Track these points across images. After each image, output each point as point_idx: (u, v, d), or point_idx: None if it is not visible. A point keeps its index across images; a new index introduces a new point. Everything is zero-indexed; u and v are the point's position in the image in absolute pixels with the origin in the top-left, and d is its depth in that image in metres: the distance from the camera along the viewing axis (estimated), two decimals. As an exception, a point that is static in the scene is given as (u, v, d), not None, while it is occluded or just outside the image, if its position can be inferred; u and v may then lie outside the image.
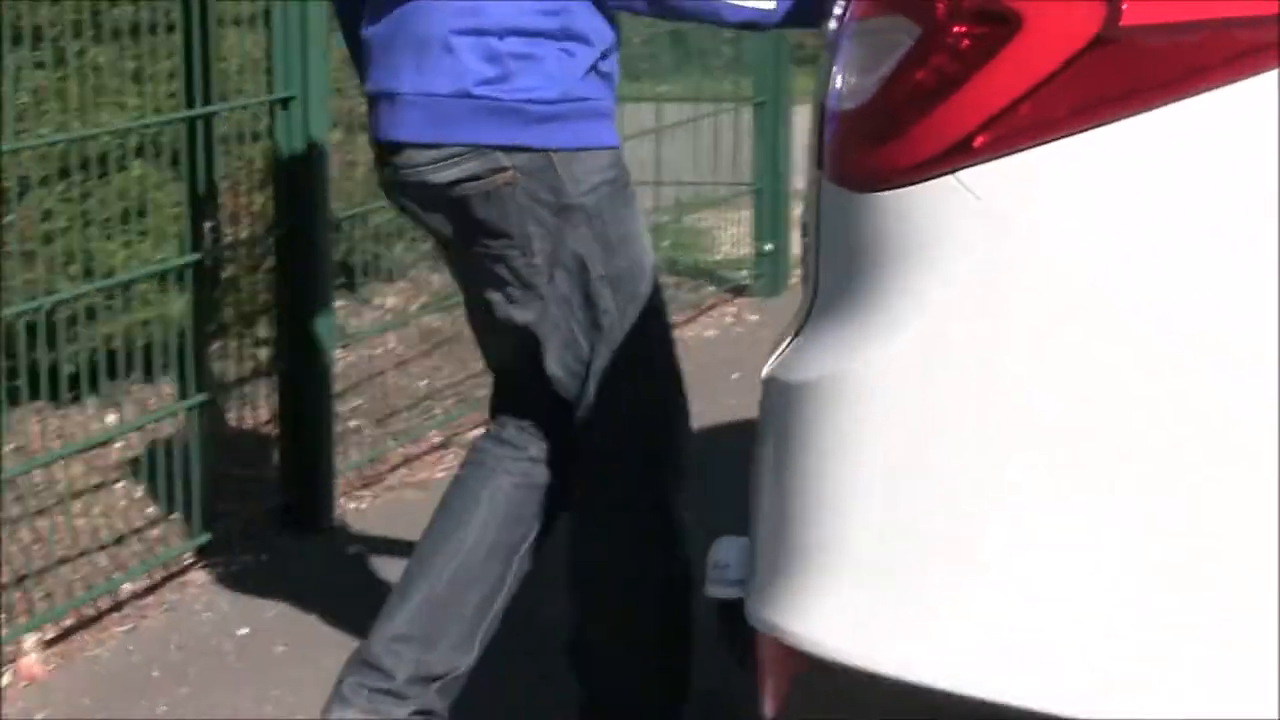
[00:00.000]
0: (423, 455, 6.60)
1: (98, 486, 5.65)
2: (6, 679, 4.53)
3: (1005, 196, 2.36)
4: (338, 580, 5.25)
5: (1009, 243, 2.36)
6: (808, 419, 2.54)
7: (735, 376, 7.23)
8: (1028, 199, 2.36)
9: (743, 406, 5.13)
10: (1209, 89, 2.26)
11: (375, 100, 3.79)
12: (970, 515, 2.41)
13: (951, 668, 2.36)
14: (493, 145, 3.61)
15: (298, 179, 5.51)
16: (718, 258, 9.60)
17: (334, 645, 4.67)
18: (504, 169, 3.63)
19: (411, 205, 3.88)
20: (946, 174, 2.37)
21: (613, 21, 3.70)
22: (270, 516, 5.61)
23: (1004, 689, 2.31)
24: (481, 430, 4.20)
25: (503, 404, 4.02)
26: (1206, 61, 2.27)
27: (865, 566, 2.47)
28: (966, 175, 2.35)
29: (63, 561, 5.04)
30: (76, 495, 5.31)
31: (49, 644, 4.75)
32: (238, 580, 5.21)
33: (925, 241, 2.41)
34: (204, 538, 5.35)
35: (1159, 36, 2.30)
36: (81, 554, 5.16)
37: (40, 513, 5.33)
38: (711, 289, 9.19)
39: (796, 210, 8.12)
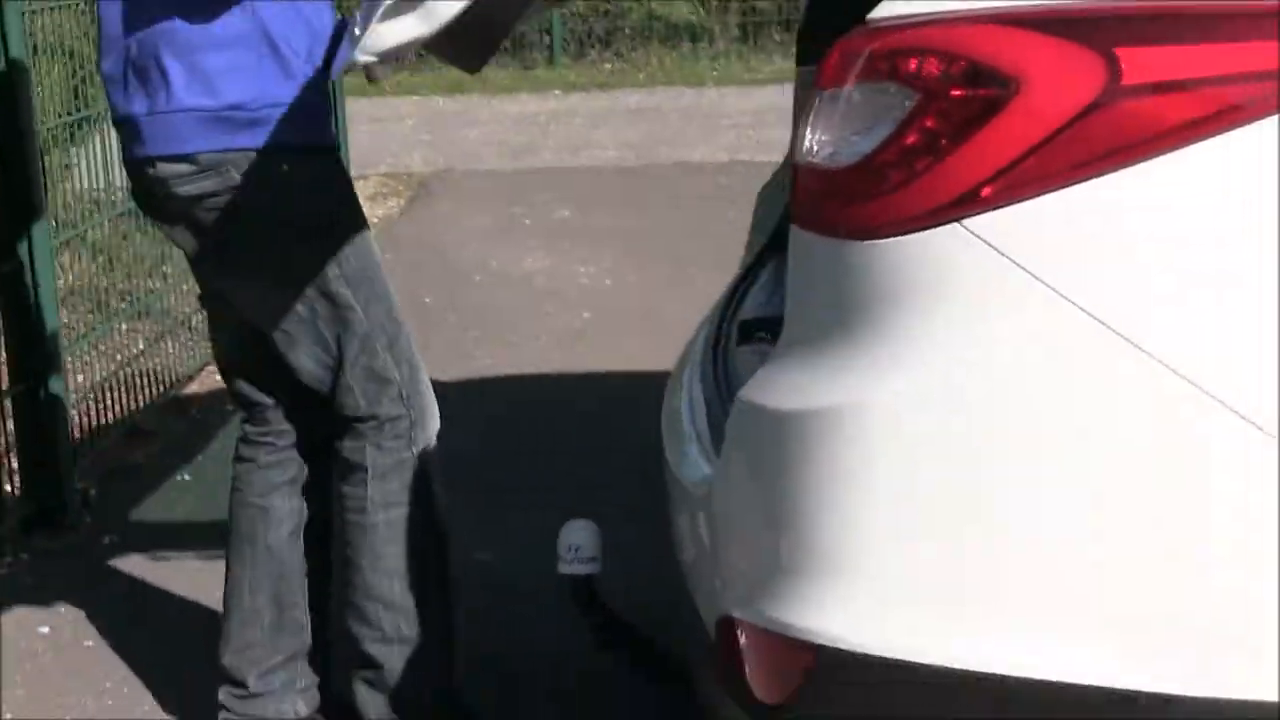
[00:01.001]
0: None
1: None
2: None
3: (1011, 242, 2.49)
4: (107, 570, 5.18)
5: (1011, 284, 2.49)
6: (822, 443, 2.64)
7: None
8: (1033, 244, 2.49)
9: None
10: (1203, 139, 2.42)
11: (120, 126, 3.82)
12: (970, 526, 2.57)
13: (954, 649, 2.54)
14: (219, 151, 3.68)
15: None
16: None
17: (136, 629, 4.73)
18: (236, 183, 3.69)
19: (159, 219, 3.97)
20: (953, 222, 2.51)
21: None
22: (22, 524, 5.48)
23: (990, 661, 2.51)
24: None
25: (244, 400, 4.07)
26: (1201, 114, 2.43)
27: (879, 571, 2.60)
28: (972, 223, 2.49)
29: None
30: None
31: None
32: (12, 588, 5.09)
33: (930, 283, 2.55)
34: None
35: (1156, 93, 2.46)
36: None
37: None
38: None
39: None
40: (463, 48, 3.58)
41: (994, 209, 2.52)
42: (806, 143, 2.68)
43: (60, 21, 6.22)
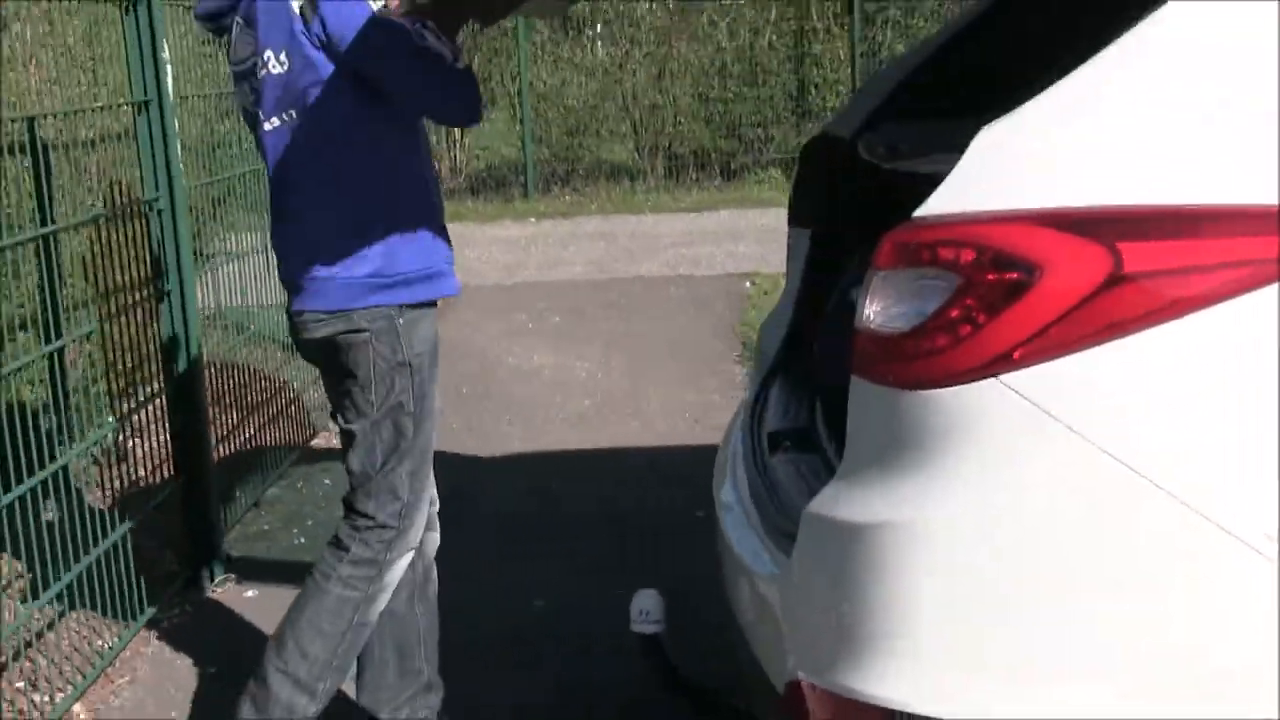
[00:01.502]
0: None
1: None
2: None
3: (1039, 393, 2.44)
4: (250, 618, 5.02)
5: (1039, 426, 2.44)
6: (879, 549, 2.58)
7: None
8: (1056, 395, 2.44)
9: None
10: (1191, 312, 2.38)
11: (283, 281, 3.79)
12: (992, 621, 2.53)
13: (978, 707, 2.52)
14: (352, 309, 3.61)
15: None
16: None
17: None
18: (361, 330, 3.62)
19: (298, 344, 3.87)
20: (991, 377, 2.45)
21: None
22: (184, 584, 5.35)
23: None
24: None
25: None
26: (1188, 293, 2.39)
27: (932, 650, 2.55)
28: (1007, 378, 2.44)
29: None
30: None
31: None
32: (182, 634, 4.94)
33: (972, 425, 2.49)
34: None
35: (1152, 277, 2.41)
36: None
37: None
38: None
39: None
40: None
41: (1024, 367, 2.47)
42: (865, 312, 2.64)
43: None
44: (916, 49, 4.30)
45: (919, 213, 2.57)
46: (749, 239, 12.31)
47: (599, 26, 16.69)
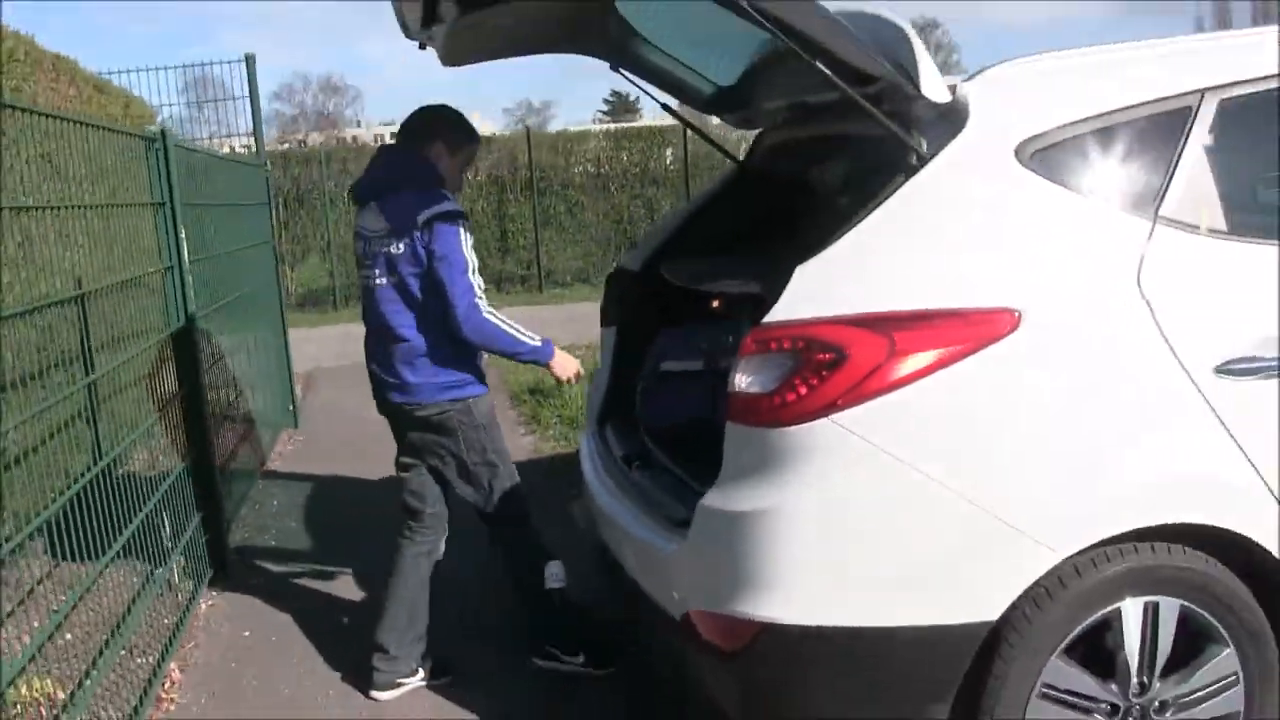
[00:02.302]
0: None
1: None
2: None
3: (855, 425, 2.58)
4: (264, 600, 4.66)
5: (854, 445, 2.58)
6: (753, 527, 2.66)
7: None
8: (865, 425, 2.58)
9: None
10: (937, 370, 2.56)
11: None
12: (833, 564, 2.63)
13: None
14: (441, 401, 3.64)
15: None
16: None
17: (294, 629, 4.33)
18: (446, 411, 3.63)
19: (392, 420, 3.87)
20: (823, 417, 2.58)
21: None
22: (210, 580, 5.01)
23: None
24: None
25: (407, 506, 3.91)
26: (934, 361, 2.57)
27: (789, 585, 2.64)
28: (834, 416, 2.58)
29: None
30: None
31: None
32: (218, 615, 4.57)
33: (813, 447, 2.61)
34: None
35: (912, 352, 2.57)
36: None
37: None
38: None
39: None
40: None
41: (844, 410, 2.62)
42: (736, 381, 2.75)
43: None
44: (671, 214, 4.39)
45: (767, 320, 2.66)
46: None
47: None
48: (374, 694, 3.80)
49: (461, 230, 3.52)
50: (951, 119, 2.79)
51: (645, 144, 16.48)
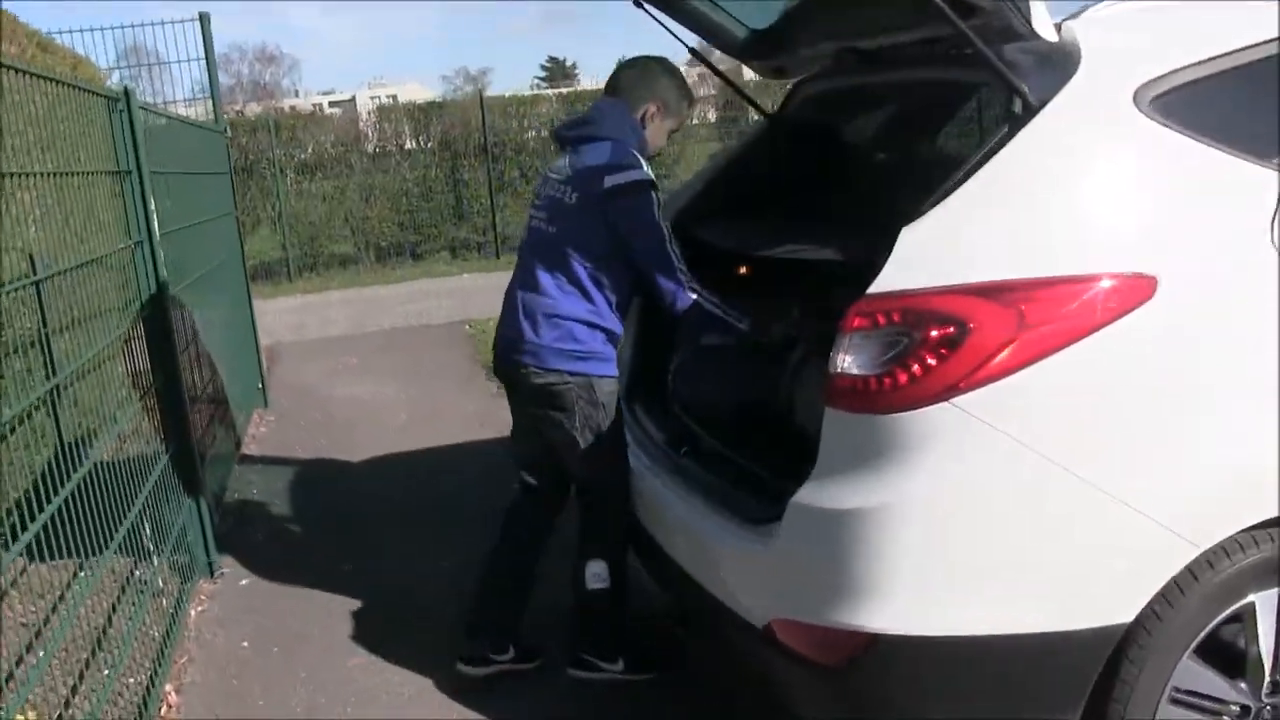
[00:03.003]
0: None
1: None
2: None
3: (977, 409, 2.23)
4: (249, 599, 4.24)
5: (977, 435, 2.24)
6: (862, 525, 2.30)
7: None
8: (988, 409, 2.23)
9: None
10: (1069, 345, 2.22)
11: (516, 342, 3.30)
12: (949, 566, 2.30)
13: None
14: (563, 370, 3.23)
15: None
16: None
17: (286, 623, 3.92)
18: (568, 382, 3.23)
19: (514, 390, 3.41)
20: (944, 400, 2.23)
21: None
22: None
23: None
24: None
25: (523, 481, 3.52)
26: (1064, 335, 2.22)
27: (898, 592, 2.30)
28: (955, 400, 2.23)
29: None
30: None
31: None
32: (214, 618, 4.10)
33: (929, 435, 2.26)
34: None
35: (1042, 325, 2.23)
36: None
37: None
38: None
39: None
40: None
41: (965, 393, 2.27)
42: (838, 361, 2.37)
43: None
44: (696, 174, 3.99)
45: (873, 289, 2.29)
46: (445, 297, 11.80)
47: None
48: (463, 668, 3.47)
49: (654, 199, 3.14)
50: (1060, 62, 2.46)
51: (599, 107, 16.03)
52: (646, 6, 3.54)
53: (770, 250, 3.13)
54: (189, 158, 5.84)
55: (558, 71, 70.69)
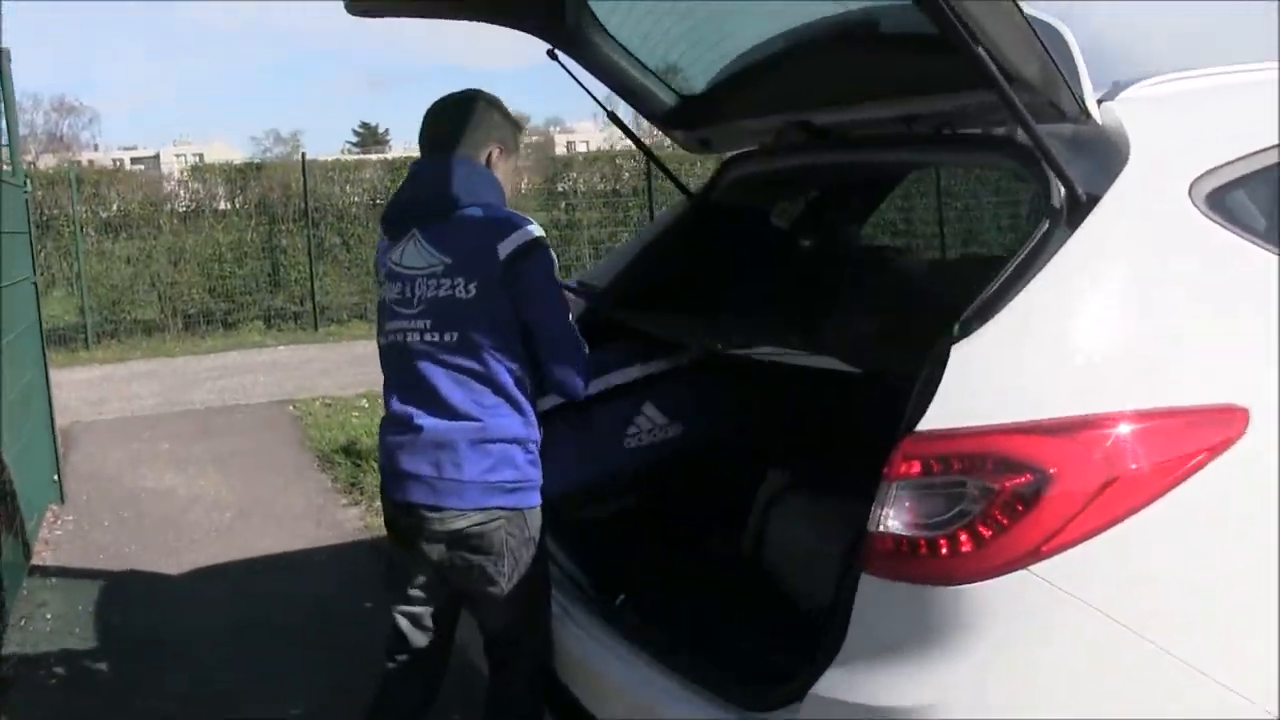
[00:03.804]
0: None
1: None
2: None
3: (1060, 578, 1.74)
4: None
5: (1065, 612, 1.75)
6: None
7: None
8: (1074, 579, 1.74)
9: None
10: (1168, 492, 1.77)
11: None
12: None
13: None
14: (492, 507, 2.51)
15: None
16: None
17: None
18: (497, 520, 2.51)
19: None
20: (1021, 568, 1.73)
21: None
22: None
23: None
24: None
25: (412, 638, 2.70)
26: (1164, 481, 1.77)
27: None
28: (1039, 568, 1.74)
29: None
30: None
31: None
32: None
33: (1002, 613, 1.74)
34: None
35: (1140, 472, 1.76)
36: None
37: None
38: None
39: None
40: None
41: (1047, 557, 1.78)
42: (881, 517, 1.82)
43: None
44: (607, 259, 3.44)
45: (923, 426, 1.78)
46: (261, 372, 10.89)
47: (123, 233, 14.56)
48: None
49: (553, 260, 2.55)
50: (1104, 149, 2.04)
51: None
52: (561, 59, 3.02)
53: (724, 344, 2.60)
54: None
55: (369, 137, 69.35)
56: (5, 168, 6.05)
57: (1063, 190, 1.98)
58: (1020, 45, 1.89)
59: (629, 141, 3.51)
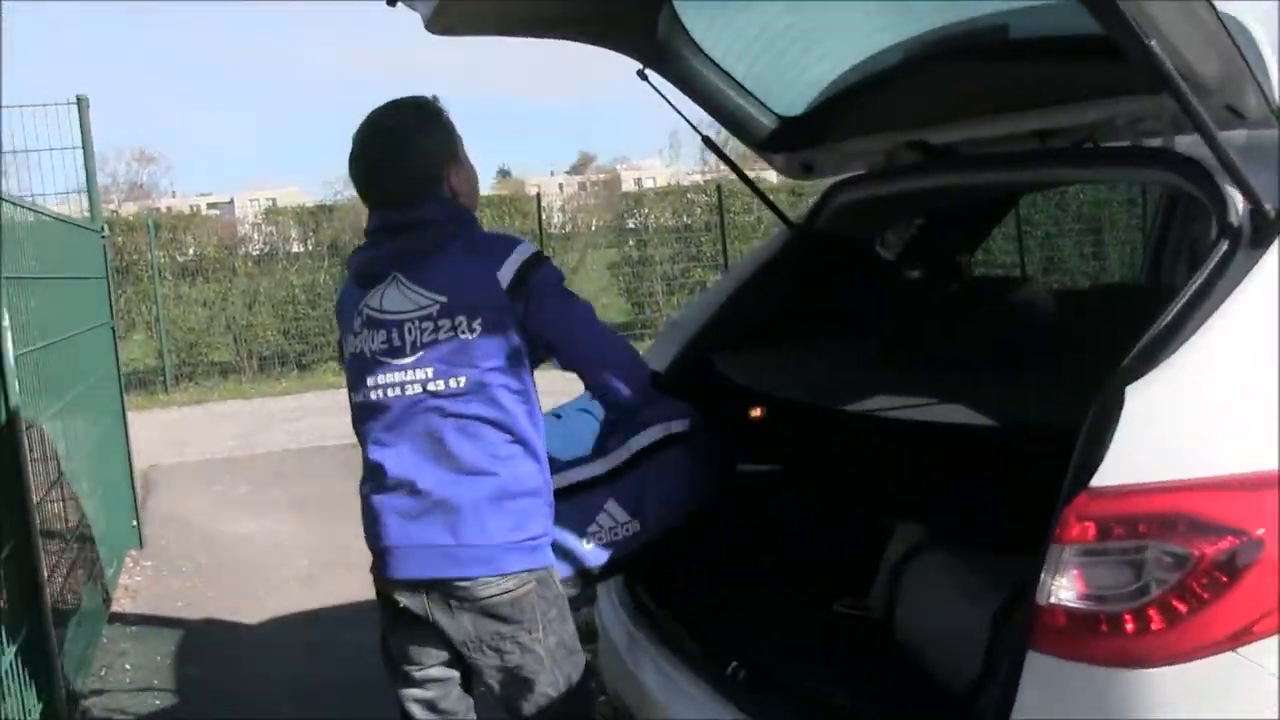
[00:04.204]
0: None
1: None
2: None
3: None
4: None
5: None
6: None
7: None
8: None
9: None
10: None
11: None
12: None
13: None
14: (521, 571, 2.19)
15: None
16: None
17: None
18: (527, 585, 2.20)
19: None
20: (1229, 650, 1.46)
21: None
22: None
23: None
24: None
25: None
26: None
27: None
28: (1250, 650, 1.46)
29: None
30: None
31: None
32: None
33: (1207, 700, 1.46)
34: None
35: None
36: None
37: None
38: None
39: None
40: None
41: (1260, 638, 1.50)
42: (1052, 588, 1.55)
43: None
44: (702, 297, 3.23)
45: (1098, 482, 1.53)
46: (336, 414, 10.71)
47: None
48: None
49: (560, 271, 2.27)
50: (1284, 159, 1.78)
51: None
52: (651, 79, 2.82)
53: (833, 400, 2.35)
54: (59, 260, 4.89)
55: (510, 183, 70.23)
56: (85, 214, 6.02)
57: (1242, 207, 1.73)
58: (1199, 41, 1.66)
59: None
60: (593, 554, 2.35)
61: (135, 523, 6.28)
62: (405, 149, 2.24)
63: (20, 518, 3.27)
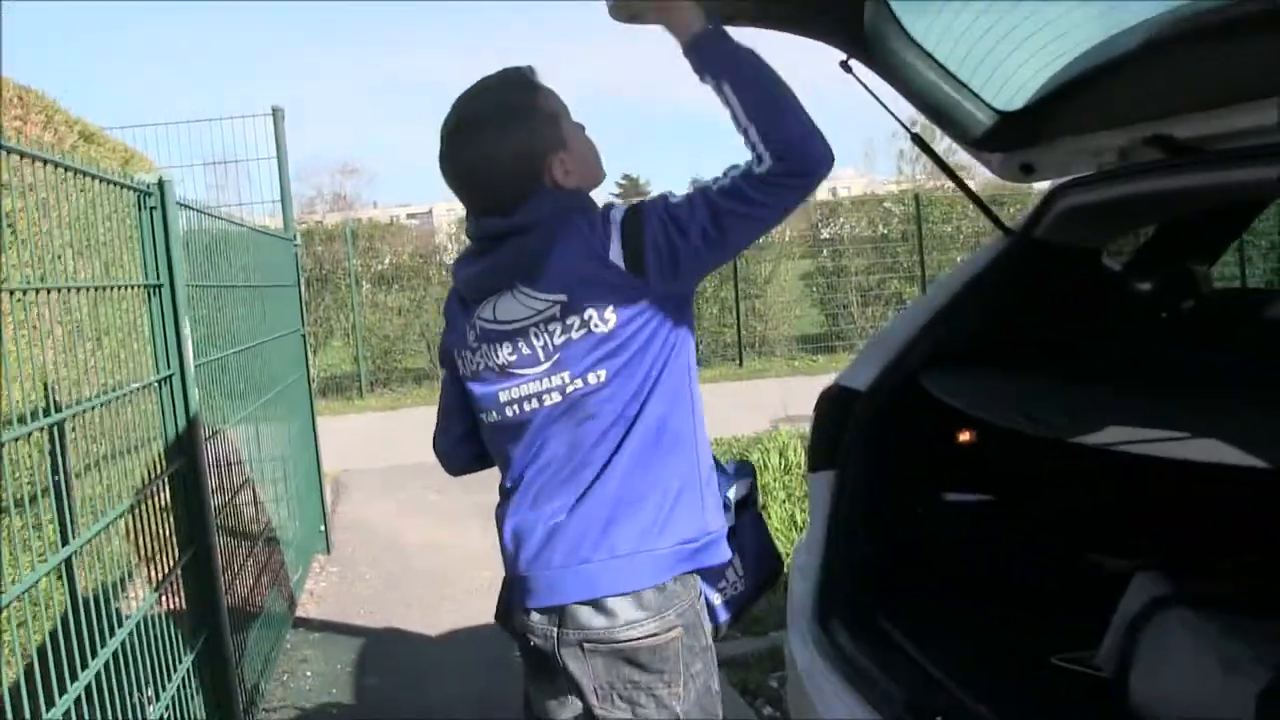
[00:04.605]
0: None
1: None
2: None
3: None
4: None
5: None
6: None
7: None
8: None
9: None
10: None
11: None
12: None
13: None
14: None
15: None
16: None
17: None
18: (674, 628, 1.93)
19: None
20: None
21: None
22: None
23: None
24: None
25: None
26: None
27: None
28: None
29: None
30: None
31: None
32: None
33: None
34: None
35: None
36: None
37: None
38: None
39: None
40: None
41: None
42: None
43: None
44: (906, 311, 2.98)
45: None
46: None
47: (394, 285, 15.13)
48: None
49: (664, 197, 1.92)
50: None
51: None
52: (855, 71, 2.60)
53: (1058, 427, 2.07)
54: (250, 268, 4.98)
55: (631, 189, 70.77)
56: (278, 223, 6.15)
57: None
58: None
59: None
60: (720, 610, 2.14)
61: (323, 528, 6.37)
62: (495, 152, 1.95)
63: (199, 525, 3.27)
